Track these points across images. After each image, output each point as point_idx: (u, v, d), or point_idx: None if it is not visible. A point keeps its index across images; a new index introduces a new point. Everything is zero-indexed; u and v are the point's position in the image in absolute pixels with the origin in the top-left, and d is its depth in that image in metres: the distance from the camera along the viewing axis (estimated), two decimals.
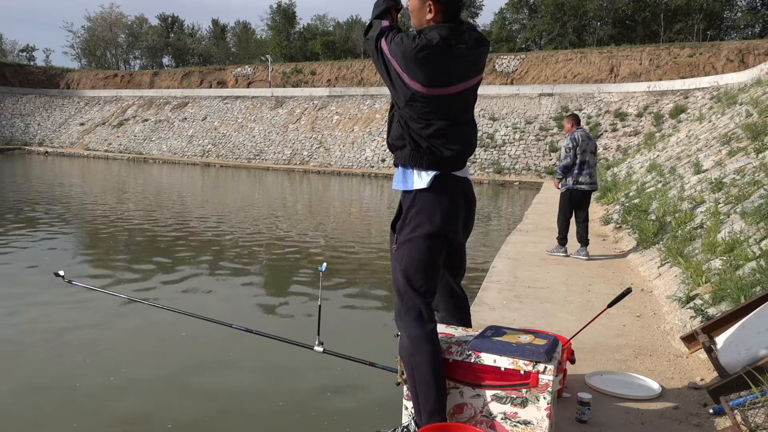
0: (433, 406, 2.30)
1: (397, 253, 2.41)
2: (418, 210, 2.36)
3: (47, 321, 5.50)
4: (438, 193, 2.38)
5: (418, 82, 2.25)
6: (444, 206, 2.37)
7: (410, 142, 2.35)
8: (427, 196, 2.37)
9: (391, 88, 2.35)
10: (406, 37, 2.28)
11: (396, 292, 2.43)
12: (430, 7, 2.31)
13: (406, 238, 2.38)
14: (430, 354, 2.32)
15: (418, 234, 2.35)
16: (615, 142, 26.95)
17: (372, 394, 3.97)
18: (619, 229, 8.62)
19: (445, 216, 2.37)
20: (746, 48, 30.98)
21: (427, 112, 2.30)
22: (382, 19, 2.38)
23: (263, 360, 4.62)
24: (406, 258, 2.37)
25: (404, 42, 2.25)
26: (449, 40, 2.26)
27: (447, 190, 2.40)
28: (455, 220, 2.42)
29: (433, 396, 2.30)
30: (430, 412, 2.30)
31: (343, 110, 35.42)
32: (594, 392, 3.01)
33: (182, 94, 43.52)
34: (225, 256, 8.92)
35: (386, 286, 7.47)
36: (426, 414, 2.31)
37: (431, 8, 2.31)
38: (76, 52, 74.36)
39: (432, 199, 2.37)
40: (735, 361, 2.91)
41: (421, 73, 2.24)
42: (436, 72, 2.26)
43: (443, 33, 2.25)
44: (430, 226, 2.35)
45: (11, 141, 43.08)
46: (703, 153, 10.89)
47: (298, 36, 66.61)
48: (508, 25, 58.91)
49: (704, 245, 5.29)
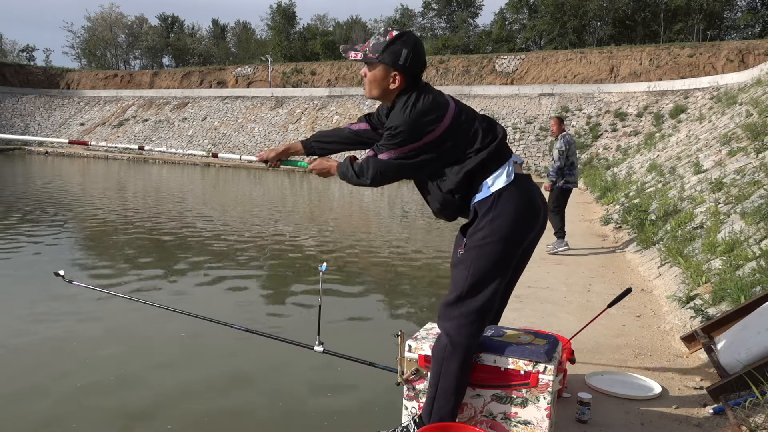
0: (447, 414, 2.29)
1: (464, 256, 2.30)
2: (497, 214, 2.26)
3: (47, 321, 5.50)
4: (519, 190, 2.31)
5: (432, 132, 2.25)
6: (526, 205, 2.30)
7: (465, 176, 2.30)
8: (509, 197, 2.28)
9: (421, 168, 2.34)
10: (389, 132, 2.28)
11: (453, 294, 2.30)
12: (395, 77, 2.29)
13: (480, 243, 2.26)
14: (465, 364, 2.27)
15: (494, 239, 2.25)
16: (615, 142, 26.96)
17: (372, 394, 3.97)
18: (619, 229, 8.62)
19: (528, 216, 2.31)
20: (746, 48, 30.99)
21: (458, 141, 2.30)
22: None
23: (263, 360, 4.62)
24: (477, 263, 2.26)
25: (397, 130, 2.24)
26: (424, 88, 2.32)
27: (527, 187, 2.35)
28: (535, 223, 2.36)
29: (452, 404, 2.28)
30: (441, 418, 2.29)
31: (343, 110, 35.43)
32: (594, 392, 3.01)
33: (182, 94, 43.53)
34: (225, 256, 8.92)
35: (386, 286, 7.48)
36: (437, 418, 2.29)
37: (395, 78, 2.29)
38: (76, 52, 74.47)
39: (515, 198, 2.28)
40: (735, 361, 2.91)
41: (428, 124, 2.25)
42: (437, 111, 2.27)
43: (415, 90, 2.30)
44: (508, 229, 2.26)
45: (11, 141, 43.08)
46: (703, 153, 10.89)
47: (298, 36, 66.64)
48: (508, 25, 58.92)
49: (704, 245, 5.29)
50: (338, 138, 2.65)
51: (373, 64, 2.31)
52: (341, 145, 2.65)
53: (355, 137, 2.63)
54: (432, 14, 67.26)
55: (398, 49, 2.26)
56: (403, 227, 13.12)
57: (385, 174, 2.34)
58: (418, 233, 12.19)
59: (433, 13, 66.78)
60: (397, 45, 2.26)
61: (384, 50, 2.27)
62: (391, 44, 2.26)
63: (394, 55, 2.26)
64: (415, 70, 2.31)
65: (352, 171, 2.40)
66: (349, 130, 2.63)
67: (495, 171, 2.30)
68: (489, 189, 2.29)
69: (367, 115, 2.65)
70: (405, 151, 2.27)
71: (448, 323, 2.28)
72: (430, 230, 12.32)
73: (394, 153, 2.28)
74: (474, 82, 36.92)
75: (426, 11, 67.32)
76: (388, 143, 2.28)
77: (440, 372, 2.28)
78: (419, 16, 68.86)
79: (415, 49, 2.29)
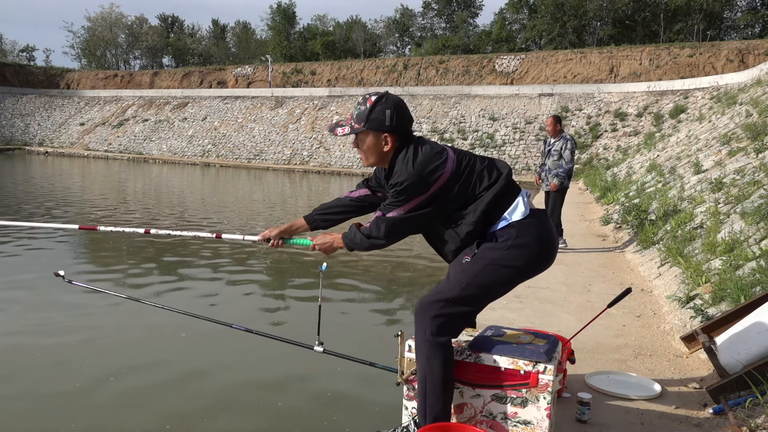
0: (440, 412, 2.29)
1: (469, 264, 2.30)
2: (516, 244, 2.27)
3: (47, 321, 5.49)
4: (539, 225, 2.34)
5: (438, 180, 2.27)
6: (545, 245, 2.34)
7: (482, 214, 2.31)
8: (529, 230, 2.29)
9: (433, 218, 2.35)
10: (395, 189, 2.29)
11: (441, 294, 2.30)
12: (386, 139, 2.33)
13: (491, 261, 2.27)
14: (447, 360, 2.28)
15: (506, 265, 2.28)
16: (615, 142, 26.96)
17: (372, 394, 3.97)
18: (619, 229, 8.62)
19: (545, 256, 2.35)
20: (746, 48, 30.99)
21: (463, 187, 2.32)
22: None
23: (263, 360, 4.61)
24: (480, 277, 2.28)
25: (403, 185, 2.26)
26: (418, 140, 2.36)
27: (546, 225, 2.39)
28: (548, 263, 2.40)
29: (443, 401, 2.29)
30: (435, 417, 2.30)
31: (343, 110, 35.41)
32: (594, 392, 3.01)
33: (182, 94, 43.53)
34: (225, 256, 8.92)
35: (386, 286, 7.47)
36: (431, 417, 2.30)
37: (387, 140, 2.33)
38: (76, 52, 74.47)
39: (536, 233, 2.31)
40: (735, 361, 2.91)
41: (432, 173, 2.26)
42: (438, 158, 2.29)
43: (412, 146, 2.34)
44: (522, 263, 2.29)
45: (11, 141, 43.10)
46: (703, 153, 10.89)
47: (298, 36, 66.66)
48: (508, 25, 58.95)
49: (704, 245, 5.29)
50: (340, 207, 2.68)
51: (362, 133, 2.35)
52: (344, 213, 2.68)
53: (357, 204, 2.66)
54: (432, 14, 67.28)
55: (381, 111, 2.31)
56: None
57: (399, 228, 2.34)
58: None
59: (433, 13, 66.79)
60: (378, 109, 2.32)
61: (368, 117, 2.31)
62: (372, 110, 2.31)
63: (379, 119, 2.31)
64: (403, 127, 2.35)
65: (360, 235, 2.40)
66: (350, 198, 2.67)
67: (510, 204, 2.32)
68: (508, 220, 2.31)
69: (365, 180, 2.69)
70: (414, 204, 2.28)
71: (427, 321, 2.28)
72: None
73: (404, 208, 2.29)
74: (474, 82, 36.92)
75: (426, 11, 67.35)
76: (396, 200, 2.30)
77: (425, 372, 2.29)
78: (419, 16, 68.93)
79: (396, 107, 2.33)
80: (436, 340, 2.27)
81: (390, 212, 2.31)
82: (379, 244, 2.38)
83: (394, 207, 2.30)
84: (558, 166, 7.26)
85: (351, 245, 2.45)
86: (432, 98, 33.45)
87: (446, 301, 2.28)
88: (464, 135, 30.07)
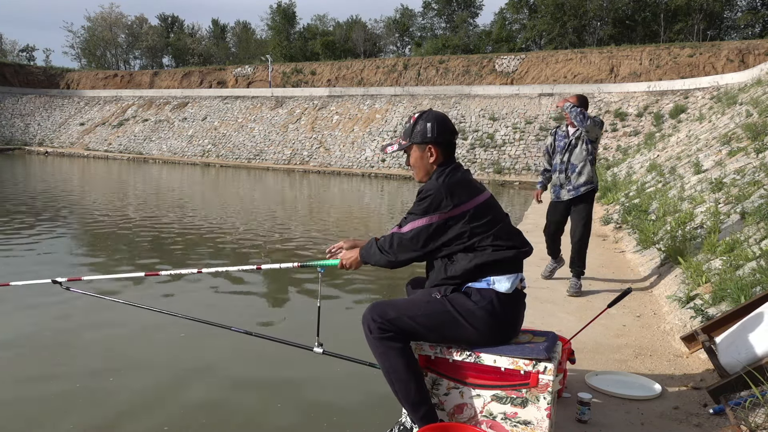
0: (416, 397, 2.32)
1: (434, 300, 2.36)
2: (485, 311, 2.30)
3: (47, 323, 5.50)
4: (515, 309, 2.40)
5: (462, 205, 2.34)
6: (510, 327, 2.40)
7: (475, 268, 2.35)
8: (502, 308, 2.33)
9: (442, 243, 2.39)
10: (419, 197, 2.38)
11: (398, 308, 2.35)
12: (431, 150, 2.45)
13: (453, 313, 2.31)
14: (399, 348, 2.33)
15: (465, 323, 2.31)
16: (615, 142, 26.96)
17: (372, 394, 3.96)
18: (619, 229, 8.62)
19: (506, 336, 2.39)
20: (746, 48, 30.98)
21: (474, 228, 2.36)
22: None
23: (263, 362, 4.61)
24: (435, 319, 2.33)
25: (427, 193, 2.35)
26: (461, 166, 2.48)
27: (520, 309, 2.44)
28: (507, 341, 2.41)
29: (414, 388, 2.32)
30: (413, 403, 2.33)
31: (343, 110, 35.42)
32: (594, 392, 3.01)
33: (182, 94, 43.53)
34: (224, 257, 8.92)
35: (386, 287, 7.47)
36: (410, 405, 2.34)
37: (431, 151, 2.45)
38: (76, 52, 74.50)
39: (508, 315, 2.36)
40: (735, 361, 2.90)
41: (458, 195, 2.34)
42: (469, 187, 2.39)
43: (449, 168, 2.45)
44: (482, 329, 2.32)
45: (11, 141, 43.09)
46: (703, 153, 10.89)
47: (298, 36, 66.67)
48: (508, 25, 58.95)
49: (704, 245, 5.29)
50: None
51: (409, 148, 2.50)
52: None
53: None
54: (432, 14, 67.27)
55: (423, 125, 2.46)
56: None
57: (407, 245, 2.38)
58: None
59: (433, 13, 66.78)
60: (420, 123, 2.47)
61: (412, 132, 2.48)
62: (415, 125, 2.48)
63: (422, 132, 2.46)
64: (445, 138, 2.46)
65: (375, 247, 2.48)
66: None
67: (503, 276, 2.36)
68: (489, 285, 2.35)
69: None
70: (430, 221, 2.34)
71: (373, 324, 2.33)
72: None
73: (419, 222, 2.35)
74: (474, 82, 36.91)
75: (426, 11, 67.34)
76: (416, 209, 2.38)
77: (386, 367, 2.34)
78: (419, 16, 68.93)
79: (437, 120, 2.47)
80: (381, 338, 2.32)
81: (405, 225, 2.39)
82: (390, 260, 2.44)
83: (410, 219, 2.38)
84: (585, 159, 5.27)
85: (366, 258, 2.52)
86: (432, 98, 33.44)
87: (398, 315, 2.33)
88: (464, 135, 30.07)
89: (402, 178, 26.84)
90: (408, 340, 2.37)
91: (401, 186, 24.01)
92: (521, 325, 2.48)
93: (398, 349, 2.32)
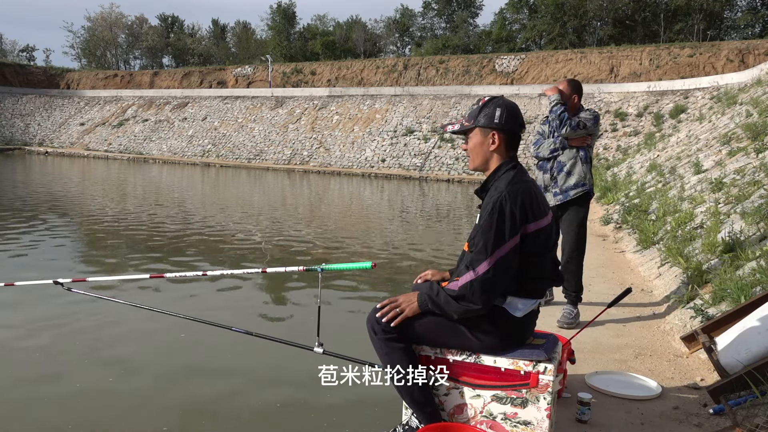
0: (420, 396, 2.33)
1: (430, 321, 2.31)
2: (492, 329, 2.26)
3: (47, 323, 5.49)
4: (519, 332, 2.32)
5: (535, 222, 2.26)
6: (504, 340, 2.32)
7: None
8: (509, 327, 2.28)
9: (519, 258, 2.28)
10: (490, 203, 2.25)
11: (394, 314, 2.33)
12: (494, 137, 2.32)
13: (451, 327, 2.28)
14: (406, 350, 2.33)
15: (469, 334, 2.29)
16: (615, 142, 26.96)
17: (372, 394, 3.96)
18: (619, 229, 8.62)
19: (503, 347, 2.34)
20: (746, 48, 30.97)
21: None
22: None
23: (263, 362, 4.61)
24: (440, 325, 2.30)
25: (499, 200, 2.21)
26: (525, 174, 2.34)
27: (528, 328, 2.39)
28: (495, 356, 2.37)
29: (418, 387, 2.32)
30: (419, 403, 2.34)
31: (343, 110, 35.41)
32: (594, 392, 3.01)
33: (182, 94, 43.51)
34: (224, 257, 8.92)
35: (386, 287, 7.47)
36: (416, 405, 2.35)
37: (494, 138, 2.32)
38: (76, 52, 74.47)
39: (513, 335, 2.30)
40: (735, 361, 2.91)
41: (531, 211, 2.25)
42: (533, 202, 2.27)
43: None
44: (488, 342, 2.29)
45: (11, 141, 43.07)
46: (703, 153, 10.89)
47: (298, 36, 66.66)
48: (508, 25, 58.95)
49: (704, 245, 5.29)
50: None
51: (471, 130, 2.36)
52: None
53: None
54: (432, 14, 67.24)
55: (492, 110, 2.32)
56: (403, 227, 13.12)
57: (494, 283, 2.20)
58: (417, 233, 12.19)
59: (433, 13, 66.75)
60: (489, 107, 2.33)
61: (478, 114, 2.34)
62: (484, 107, 2.34)
63: (489, 116, 2.31)
64: (512, 129, 2.33)
65: (445, 296, 2.24)
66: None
67: (521, 298, 2.30)
68: (503, 305, 2.29)
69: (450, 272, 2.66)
70: (500, 252, 2.19)
71: (379, 326, 2.32)
72: (430, 230, 12.32)
73: (490, 260, 2.19)
74: (474, 82, 36.90)
75: (426, 11, 67.30)
76: (487, 221, 2.21)
77: (392, 368, 2.33)
78: (419, 16, 68.89)
79: (508, 107, 2.33)
80: (385, 339, 2.32)
81: (477, 266, 2.19)
82: (474, 310, 2.22)
83: (478, 260, 2.20)
84: (575, 156, 4.38)
85: (433, 309, 2.28)
86: (432, 98, 33.44)
87: (396, 329, 2.32)
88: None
89: (402, 178, 26.84)
90: (412, 342, 2.37)
91: (401, 186, 24.01)
92: (530, 337, 2.44)
93: (402, 350, 2.31)
